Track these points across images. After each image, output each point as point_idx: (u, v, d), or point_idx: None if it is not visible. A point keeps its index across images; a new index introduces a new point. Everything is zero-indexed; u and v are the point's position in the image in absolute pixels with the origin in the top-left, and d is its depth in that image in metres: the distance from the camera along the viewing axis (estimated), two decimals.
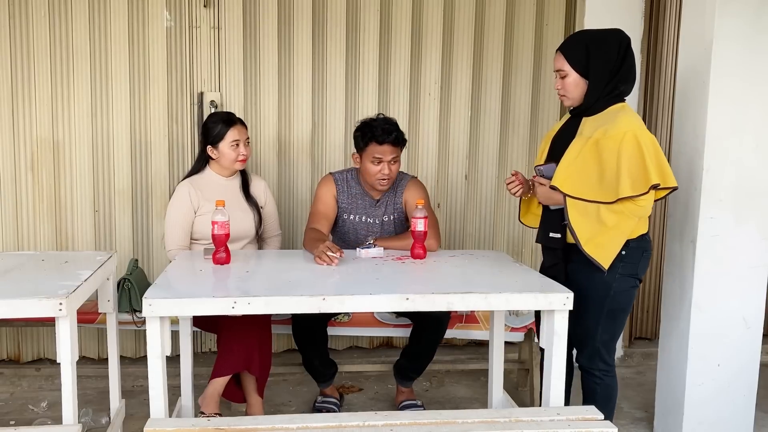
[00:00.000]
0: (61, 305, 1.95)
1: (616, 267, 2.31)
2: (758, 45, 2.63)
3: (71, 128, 3.47)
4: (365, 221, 2.97)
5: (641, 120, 2.31)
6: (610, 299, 2.33)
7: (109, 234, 3.57)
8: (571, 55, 2.33)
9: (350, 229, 2.98)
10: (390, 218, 2.97)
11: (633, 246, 2.32)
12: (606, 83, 2.29)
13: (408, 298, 2.06)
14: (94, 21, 3.42)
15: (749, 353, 2.81)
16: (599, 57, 2.29)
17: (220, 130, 2.88)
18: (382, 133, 2.81)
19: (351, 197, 2.97)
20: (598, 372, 2.43)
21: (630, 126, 2.22)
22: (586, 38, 2.35)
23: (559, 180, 2.32)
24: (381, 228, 2.97)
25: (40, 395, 3.27)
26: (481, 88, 3.77)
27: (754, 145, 2.70)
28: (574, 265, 2.38)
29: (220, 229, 2.42)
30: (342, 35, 3.59)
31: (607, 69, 2.29)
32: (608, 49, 2.29)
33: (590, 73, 2.30)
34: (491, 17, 3.71)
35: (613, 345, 2.46)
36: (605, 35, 2.34)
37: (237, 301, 2.00)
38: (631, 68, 2.34)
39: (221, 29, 3.50)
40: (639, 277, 2.39)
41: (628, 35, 2.34)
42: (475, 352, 3.79)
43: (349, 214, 2.97)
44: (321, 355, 3.02)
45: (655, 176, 2.19)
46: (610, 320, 2.37)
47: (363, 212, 2.97)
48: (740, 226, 2.72)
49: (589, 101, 2.33)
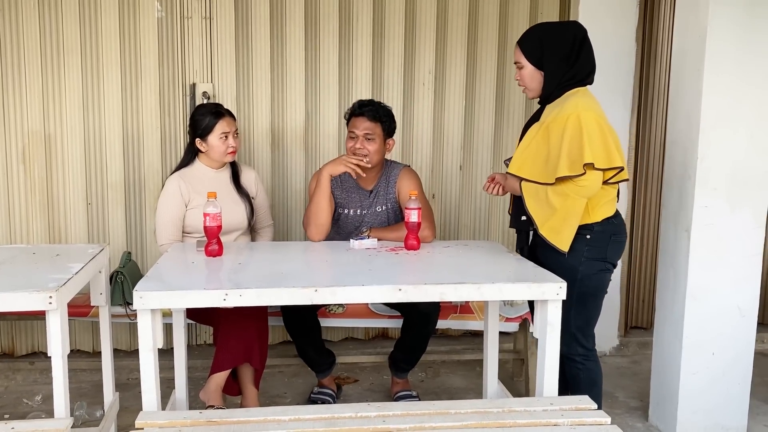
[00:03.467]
0: (51, 298, 1.94)
1: (581, 250, 2.32)
2: (752, 34, 2.62)
3: (63, 121, 3.45)
4: (360, 214, 2.96)
5: (593, 102, 2.31)
6: (578, 283, 2.33)
7: (101, 227, 3.55)
8: (526, 48, 2.38)
9: (346, 224, 2.97)
10: (383, 208, 2.96)
11: (597, 230, 2.33)
12: (562, 74, 2.32)
13: (401, 289, 2.05)
14: (85, 12, 3.38)
15: (744, 342, 2.82)
16: (552, 49, 2.33)
17: (208, 122, 2.86)
18: (359, 105, 2.86)
19: (345, 191, 2.97)
20: (578, 357, 2.44)
21: (575, 108, 2.25)
22: (540, 31, 2.42)
23: (514, 166, 2.39)
24: (375, 219, 2.95)
25: (34, 389, 3.26)
26: (475, 79, 3.74)
27: (748, 134, 2.69)
28: (542, 249, 2.40)
29: (212, 221, 2.40)
30: (335, 25, 3.57)
31: (562, 60, 2.32)
32: (562, 41, 2.33)
33: (544, 65, 2.34)
34: (485, 7, 3.68)
35: (590, 330, 2.45)
36: (559, 27, 2.44)
37: (228, 293, 1.99)
38: (588, 59, 2.36)
39: (213, 19, 3.47)
40: (610, 261, 2.39)
41: (584, 27, 2.37)
42: (471, 342, 3.79)
43: (344, 209, 2.96)
44: (314, 343, 3.00)
45: (589, 156, 2.19)
46: (581, 305, 2.38)
47: (357, 205, 2.96)
48: (734, 214, 2.72)
49: (547, 91, 2.36)
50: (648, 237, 3.97)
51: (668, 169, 2.89)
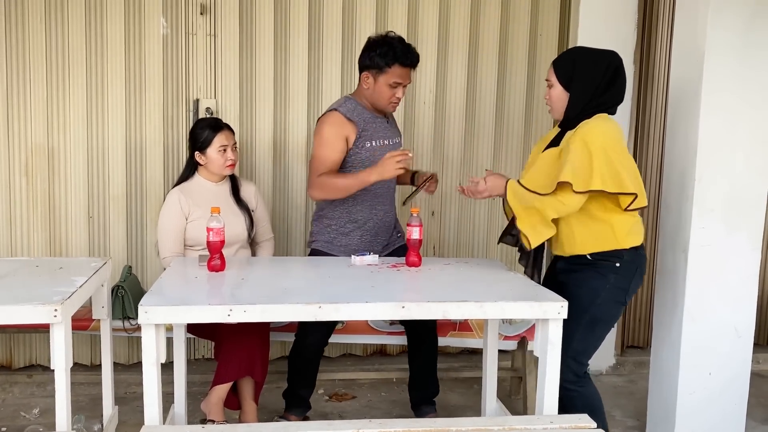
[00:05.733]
0: (56, 311, 1.95)
1: (609, 277, 2.32)
2: (749, 57, 2.67)
3: (66, 134, 3.47)
4: (385, 144, 2.81)
5: (608, 126, 2.29)
6: (595, 307, 2.33)
7: (102, 240, 3.56)
8: (559, 68, 2.39)
9: (370, 157, 2.75)
10: (398, 140, 2.92)
11: (627, 259, 2.33)
12: (588, 100, 2.32)
13: (404, 306, 2.07)
14: (91, 27, 3.42)
15: (740, 362, 2.84)
16: (584, 73, 2.32)
17: (207, 135, 2.88)
18: (407, 53, 2.66)
19: (366, 123, 2.76)
20: (570, 384, 2.38)
21: (587, 131, 2.25)
22: (576, 54, 2.43)
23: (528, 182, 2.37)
24: (396, 149, 2.82)
25: (32, 402, 3.25)
26: (474, 98, 3.79)
27: (745, 156, 2.73)
28: (566, 274, 2.41)
29: (215, 236, 2.42)
30: (338, 42, 3.61)
31: (591, 86, 2.31)
32: (595, 67, 2.32)
33: (572, 88, 2.34)
34: (486, 28, 3.74)
35: (585, 359, 2.42)
36: (596, 54, 2.39)
37: (233, 309, 2.00)
38: (619, 91, 2.36)
39: (217, 36, 3.51)
40: (629, 294, 2.39)
41: (620, 57, 2.36)
42: (469, 360, 3.80)
43: (371, 141, 2.77)
44: (315, 366, 3.01)
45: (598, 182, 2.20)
46: (588, 330, 2.37)
47: (381, 135, 2.80)
48: (731, 236, 2.75)
49: (570, 115, 2.36)
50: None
51: (666, 190, 2.92)
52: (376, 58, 2.67)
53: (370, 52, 2.69)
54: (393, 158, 2.58)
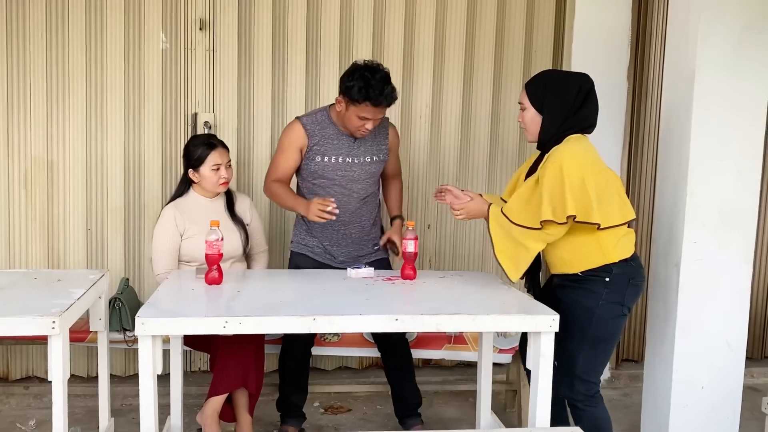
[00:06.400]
0: (54, 323, 1.96)
1: (600, 293, 2.33)
2: (739, 74, 2.71)
3: (65, 147, 3.51)
4: (344, 161, 2.82)
5: (583, 149, 2.32)
6: (593, 326, 2.33)
7: (100, 253, 3.59)
8: (531, 90, 2.42)
9: (318, 171, 2.82)
10: (374, 158, 2.88)
11: (616, 272, 2.34)
12: (561, 123, 2.34)
13: (397, 319, 2.09)
14: (91, 41, 3.46)
15: (733, 376, 2.86)
16: (555, 97, 2.35)
17: (200, 153, 2.87)
18: (380, 95, 2.63)
19: (324, 139, 2.81)
20: (579, 403, 2.41)
21: (560, 157, 2.27)
22: (547, 77, 2.45)
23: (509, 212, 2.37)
24: (365, 169, 2.86)
25: (28, 413, 3.26)
26: (470, 112, 3.83)
27: (736, 171, 2.76)
28: (561, 289, 2.43)
29: (213, 249, 2.44)
30: (335, 58, 3.65)
31: (563, 109, 2.34)
32: (565, 89, 2.35)
33: (544, 111, 2.37)
34: (481, 43, 3.78)
35: (595, 376, 2.42)
36: (567, 78, 2.44)
37: (228, 321, 2.02)
38: (589, 112, 2.38)
39: (216, 51, 3.56)
40: (627, 306, 2.38)
41: (591, 80, 2.40)
42: (464, 373, 3.81)
43: (323, 156, 2.80)
44: (304, 375, 3.04)
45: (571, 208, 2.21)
46: (592, 348, 2.37)
47: (341, 152, 2.81)
48: (723, 250, 2.77)
49: (544, 137, 2.39)
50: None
51: (658, 205, 2.95)
52: (351, 89, 2.65)
53: (349, 79, 2.67)
54: (318, 206, 2.63)
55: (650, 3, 3.81)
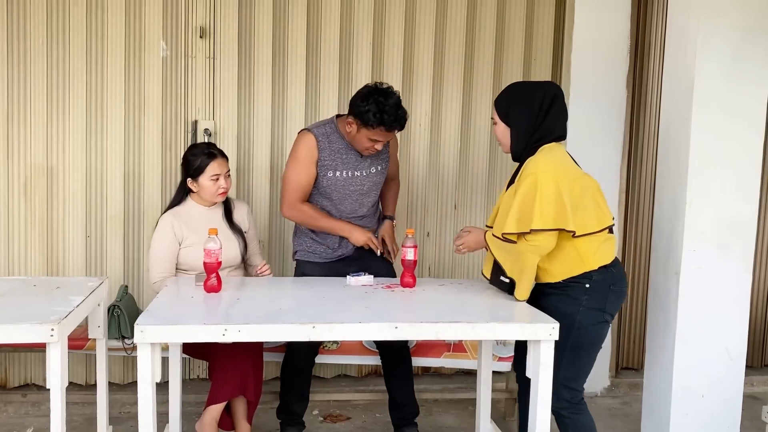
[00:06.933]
0: (53, 331, 1.96)
1: (579, 299, 2.33)
2: (738, 82, 2.72)
3: (65, 154, 3.51)
4: (354, 175, 2.84)
5: (557, 159, 2.33)
6: (574, 332, 2.32)
7: (99, 260, 3.58)
8: (498, 104, 2.46)
9: (330, 186, 2.83)
10: (379, 168, 2.91)
11: (596, 278, 2.33)
12: (530, 134, 2.36)
13: (397, 327, 2.09)
14: (92, 48, 3.47)
15: (733, 384, 2.85)
16: (518, 107, 2.38)
17: (200, 163, 2.86)
18: (394, 121, 2.66)
19: (333, 153, 2.81)
20: (564, 411, 2.39)
21: (535, 168, 2.29)
22: (511, 90, 2.47)
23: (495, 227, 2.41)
24: (372, 180, 2.89)
25: (26, 421, 3.25)
26: (470, 120, 3.84)
27: (735, 179, 2.77)
28: (542, 295, 2.42)
29: (212, 257, 2.43)
30: (335, 65, 3.67)
31: (528, 118, 2.35)
32: (528, 100, 2.37)
33: (510, 123, 2.40)
34: (481, 52, 3.80)
35: (578, 384, 2.41)
36: (530, 87, 2.46)
37: (228, 328, 2.02)
38: (556, 119, 2.38)
39: (216, 59, 3.57)
40: (609, 312, 2.37)
41: (556, 88, 2.41)
42: (463, 381, 3.80)
43: (334, 171, 2.81)
44: (306, 383, 3.03)
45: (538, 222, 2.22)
46: (574, 356, 2.35)
47: (350, 166, 2.83)
48: (722, 258, 2.77)
49: (516, 149, 2.41)
50: (639, 279, 4.02)
51: (658, 213, 2.96)
52: (365, 114, 2.65)
53: (363, 104, 2.66)
54: (369, 241, 2.85)
55: (649, 11, 3.83)
